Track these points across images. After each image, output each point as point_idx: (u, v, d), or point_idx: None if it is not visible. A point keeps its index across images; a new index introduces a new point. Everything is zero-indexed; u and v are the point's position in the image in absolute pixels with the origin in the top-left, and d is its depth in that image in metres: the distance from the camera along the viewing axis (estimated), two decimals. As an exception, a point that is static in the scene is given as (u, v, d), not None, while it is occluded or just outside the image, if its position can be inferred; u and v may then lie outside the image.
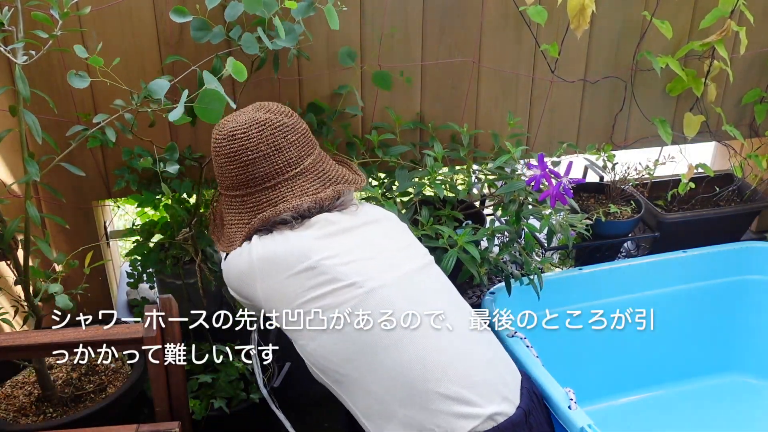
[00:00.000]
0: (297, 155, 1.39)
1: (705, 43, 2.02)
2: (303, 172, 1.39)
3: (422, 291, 1.34)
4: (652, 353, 2.06)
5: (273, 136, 1.37)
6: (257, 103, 1.43)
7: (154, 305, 1.36)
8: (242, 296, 1.39)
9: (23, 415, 1.57)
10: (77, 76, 1.40)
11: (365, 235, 1.38)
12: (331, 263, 1.30)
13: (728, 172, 2.37)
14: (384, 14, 1.81)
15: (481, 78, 1.97)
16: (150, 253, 1.79)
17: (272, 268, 1.32)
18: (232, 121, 1.39)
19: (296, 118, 1.42)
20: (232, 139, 1.37)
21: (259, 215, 1.37)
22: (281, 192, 1.38)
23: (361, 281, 1.28)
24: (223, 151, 1.38)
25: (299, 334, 1.31)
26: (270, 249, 1.34)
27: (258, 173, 1.37)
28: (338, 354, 1.27)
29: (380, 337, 1.25)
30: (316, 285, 1.29)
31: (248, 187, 1.38)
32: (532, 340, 1.67)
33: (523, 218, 1.75)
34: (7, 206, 1.57)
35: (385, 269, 1.32)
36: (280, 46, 1.54)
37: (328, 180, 1.41)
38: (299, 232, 1.35)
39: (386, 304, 1.28)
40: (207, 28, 1.57)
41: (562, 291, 1.92)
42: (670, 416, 2.01)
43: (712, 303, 2.09)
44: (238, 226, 1.41)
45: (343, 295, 1.28)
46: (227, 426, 1.70)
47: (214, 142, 1.40)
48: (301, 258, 1.30)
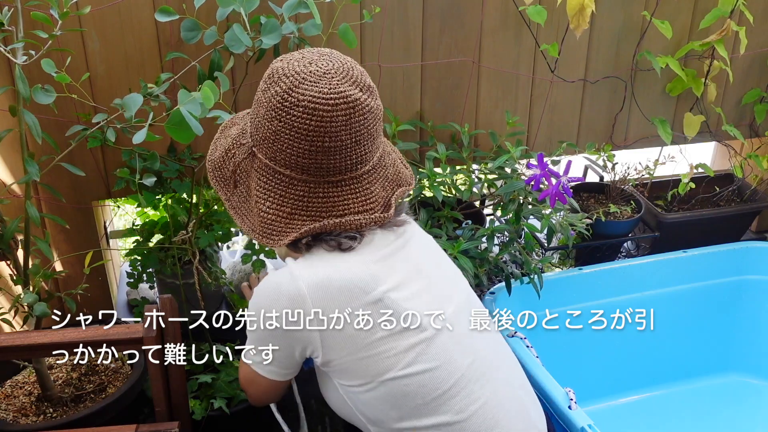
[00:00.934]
0: (371, 149, 1.15)
1: (705, 43, 2.02)
2: (369, 171, 1.16)
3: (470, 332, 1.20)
4: (652, 353, 2.06)
5: (358, 125, 1.10)
6: (336, 58, 1.13)
7: (154, 305, 1.35)
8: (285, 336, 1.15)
9: (23, 415, 1.57)
10: (43, 90, 1.34)
11: (410, 256, 1.20)
12: (395, 297, 1.12)
13: (728, 172, 2.37)
14: (384, 14, 1.80)
15: (481, 78, 1.97)
16: (150, 253, 1.79)
17: (331, 298, 1.10)
18: (312, 84, 1.09)
19: (376, 93, 1.15)
20: (312, 113, 1.07)
21: (321, 221, 1.13)
22: (344, 194, 1.14)
23: (424, 324, 1.13)
24: (291, 120, 1.09)
25: (355, 379, 1.14)
26: (323, 274, 1.11)
27: (326, 164, 1.11)
28: (396, 408, 1.13)
29: (445, 389, 1.13)
30: (382, 323, 1.10)
31: (305, 172, 1.12)
32: (532, 340, 1.68)
33: (522, 218, 1.75)
34: (7, 206, 1.57)
35: (440, 304, 1.17)
36: (267, 45, 1.51)
37: (386, 182, 1.20)
38: (353, 252, 1.14)
39: (446, 352, 1.14)
40: (197, 28, 1.57)
41: (562, 291, 1.92)
42: (670, 416, 2.01)
43: (712, 303, 2.09)
44: (278, 214, 1.14)
45: (407, 339, 1.11)
46: (227, 426, 1.70)
47: (278, 99, 1.09)
48: (366, 288, 1.11)
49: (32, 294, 1.45)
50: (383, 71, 1.88)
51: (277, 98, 1.09)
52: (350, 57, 1.16)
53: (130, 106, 1.30)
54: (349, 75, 1.11)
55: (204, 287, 1.84)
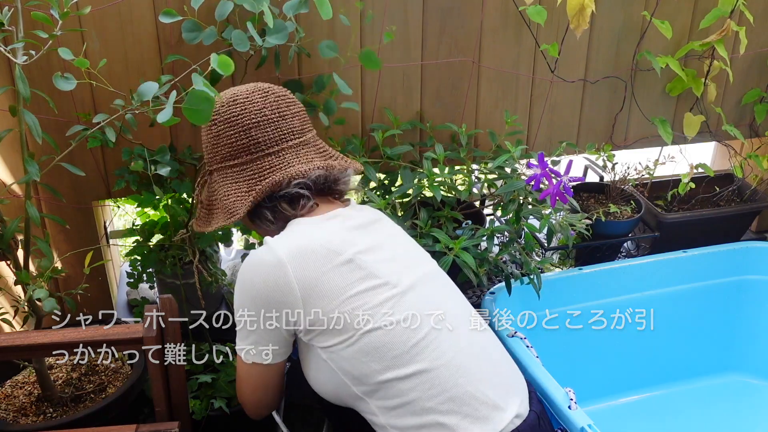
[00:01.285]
0: (300, 125, 1.35)
1: (705, 43, 2.02)
2: (306, 143, 1.35)
3: (437, 293, 1.32)
4: (652, 353, 2.06)
5: (276, 103, 1.33)
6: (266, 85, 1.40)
7: (154, 305, 1.36)
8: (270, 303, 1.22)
9: (23, 415, 1.57)
10: (63, 78, 1.38)
11: (378, 233, 1.33)
12: (366, 258, 1.24)
13: (728, 172, 2.37)
14: (384, 14, 1.80)
15: (481, 78, 1.97)
16: (150, 253, 1.79)
17: (307, 260, 1.21)
18: (233, 89, 1.36)
19: (294, 96, 1.40)
20: (234, 103, 1.32)
21: (267, 179, 1.29)
22: (286, 158, 1.32)
23: (394, 281, 1.25)
24: (223, 117, 1.32)
25: (340, 336, 1.21)
26: (297, 243, 1.23)
27: (261, 137, 1.31)
28: (376, 359, 1.21)
29: (419, 337, 1.22)
30: (357, 279, 1.22)
31: (249, 153, 1.31)
32: (532, 340, 1.68)
33: (522, 218, 1.75)
34: (7, 206, 1.57)
35: (405, 271, 1.29)
36: (271, 44, 1.53)
37: (329, 156, 1.37)
38: (321, 224, 1.28)
39: (419, 304, 1.25)
40: (198, 29, 1.57)
41: (562, 291, 1.92)
42: (670, 416, 2.01)
43: (712, 303, 2.09)
44: (237, 194, 1.32)
45: (380, 294, 1.23)
46: (227, 426, 1.70)
47: (213, 113, 1.32)
48: (339, 249, 1.23)
49: (43, 289, 1.45)
50: (383, 71, 1.88)
51: (213, 114, 1.31)
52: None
53: (146, 92, 1.34)
54: (264, 84, 1.36)
55: (204, 287, 1.84)
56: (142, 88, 1.35)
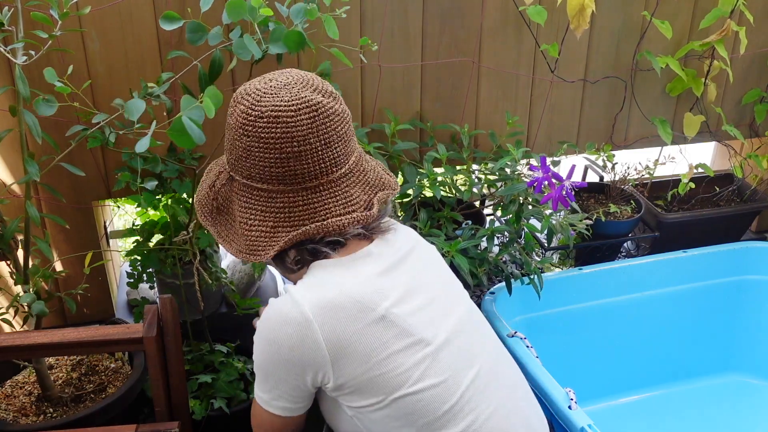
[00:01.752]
0: (343, 151, 1.16)
1: (705, 43, 2.02)
2: (347, 174, 1.17)
3: (473, 344, 1.20)
4: (652, 353, 2.06)
5: (324, 126, 1.12)
6: (295, 73, 1.17)
7: (154, 305, 1.36)
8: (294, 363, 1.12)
9: (23, 415, 1.57)
10: (44, 101, 1.33)
11: (411, 270, 1.20)
12: (398, 312, 1.12)
13: (728, 172, 2.37)
14: (384, 14, 1.81)
15: (481, 78, 1.97)
16: (150, 253, 1.79)
17: (337, 317, 1.09)
18: (273, 96, 1.12)
19: (341, 101, 1.17)
20: (275, 121, 1.10)
21: (302, 227, 1.13)
22: (323, 198, 1.14)
23: (429, 337, 1.13)
24: (257, 133, 1.11)
25: (365, 399, 1.13)
26: (324, 296, 1.11)
27: (300, 170, 1.11)
28: (411, 422, 1.12)
29: (451, 405, 1.13)
30: (390, 338, 1.10)
31: (281, 182, 1.13)
32: (532, 340, 1.68)
33: (523, 218, 1.75)
34: (7, 206, 1.57)
35: (441, 320, 1.17)
36: (274, 52, 1.51)
37: (368, 186, 1.20)
38: (349, 269, 1.14)
39: (451, 365, 1.14)
40: (202, 30, 1.56)
41: (562, 291, 1.92)
42: (670, 416, 2.01)
43: (712, 303, 2.09)
44: (261, 229, 1.15)
45: (415, 354, 1.11)
46: (227, 426, 1.70)
47: (243, 116, 1.12)
48: (371, 304, 1.10)
49: (30, 294, 1.45)
50: (383, 71, 1.88)
51: (242, 116, 1.12)
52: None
53: (133, 111, 1.29)
54: (309, 83, 1.14)
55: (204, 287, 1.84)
56: (129, 106, 1.30)
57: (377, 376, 1.10)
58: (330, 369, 1.11)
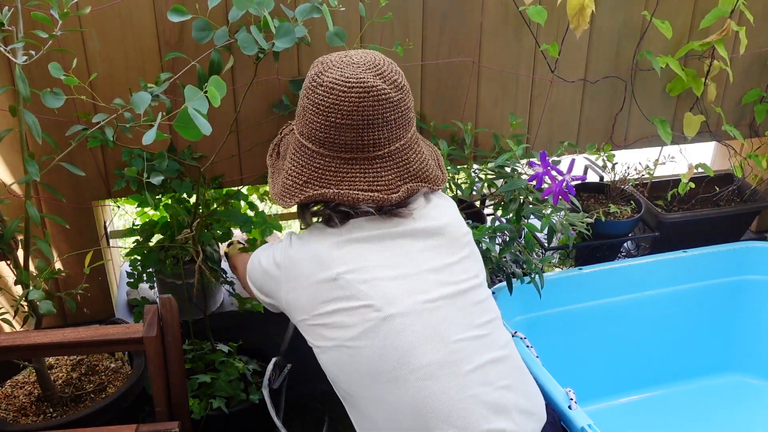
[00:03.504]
0: (387, 136, 1.27)
1: (705, 43, 2.02)
2: (384, 157, 1.27)
3: (443, 323, 1.24)
4: (652, 353, 2.06)
5: (372, 109, 1.24)
6: (372, 56, 1.28)
7: (154, 305, 1.36)
8: (263, 293, 1.39)
9: (23, 415, 1.57)
10: (52, 93, 1.36)
11: (400, 248, 1.28)
12: (352, 278, 1.24)
13: (728, 172, 2.37)
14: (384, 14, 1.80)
15: (481, 78, 1.97)
16: (150, 253, 1.79)
17: (296, 271, 1.29)
18: (338, 70, 1.25)
19: (405, 92, 1.28)
20: (329, 91, 1.24)
21: (322, 189, 1.27)
22: (353, 171, 1.27)
23: (379, 305, 1.22)
24: (315, 98, 1.26)
25: (313, 342, 1.29)
26: (295, 250, 1.30)
27: (339, 140, 1.25)
28: (344, 373, 1.25)
29: (384, 370, 1.21)
30: (333, 298, 1.24)
31: (322, 146, 1.27)
32: (532, 340, 1.68)
33: (523, 217, 1.75)
34: (7, 206, 1.57)
35: (409, 293, 1.24)
36: (280, 48, 1.52)
37: (406, 174, 1.29)
38: (332, 233, 1.28)
39: (398, 335, 1.21)
40: (210, 28, 1.56)
41: (562, 291, 1.92)
42: (670, 416, 2.01)
43: (712, 303, 2.09)
44: (296, 181, 1.30)
45: (356, 316, 1.22)
46: (226, 426, 1.70)
47: (309, 80, 1.28)
48: (323, 266, 1.25)
49: (39, 291, 1.45)
50: (383, 71, 1.88)
51: (310, 79, 1.28)
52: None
53: (139, 104, 1.32)
54: (377, 68, 1.26)
55: (205, 287, 1.84)
56: (135, 99, 1.32)
57: (318, 326, 1.25)
58: (283, 300, 1.32)
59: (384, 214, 1.28)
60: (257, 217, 1.77)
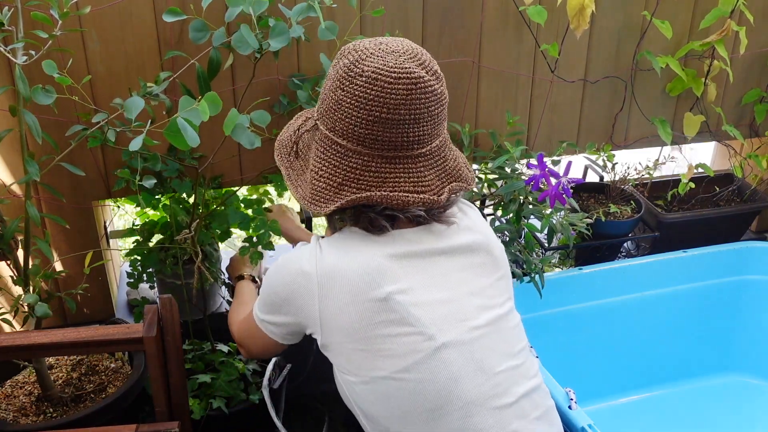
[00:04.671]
0: (430, 132, 1.15)
1: (705, 43, 2.02)
2: (426, 155, 1.16)
3: (487, 353, 1.17)
4: (652, 353, 2.06)
5: (418, 102, 1.11)
6: (407, 44, 1.15)
7: (154, 305, 1.36)
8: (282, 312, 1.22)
9: (23, 415, 1.57)
10: (44, 91, 1.35)
11: (443, 267, 1.19)
12: (403, 299, 1.12)
13: (728, 172, 2.37)
14: (384, 15, 1.80)
15: (481, 78, 1.97)
16: (150, 253, 1.79)
17: (337, 285, 1.14)
18: (379, 59, 1.11)
19: (444, 82, 1.17)
20: (374, 82, 1.10)
21: (364, 192, 1.13)
22: (396, 171, 1.14)
23: (431, 332, 1.12)
24: (353, 89, 1.12)
25: (349, 369, 1.16)
26: (333, 261, 1.15)
27: (382, 137, 1.12)
28: (387, 408, 1.15)
29: (431, 407, 1.13)
30: (380, 322, 1.12)
31: (361, 143, 1.13)
32: (532, 340, 1.67)
33: (523, 218, 1.75)
34: (7, 206, 1.57)
35: (457, 320, 1.15)
36: (275, 48, 1.51)
37: (444, 174, 1.19)
38: (376, 242, 1.16)
39: (447, 367, 1.13)
40: (206, 29, 1.56)
41: (562, 291, 1.92)
42: (670, 416, 2.01)
43: (712, 303, 2.09)
44: (329, 183, 1.15)
45: (406, 345, 1.12)
46: (226, 426, 1.70)
47: (344, 69, 1.13)
48: (372, 283, 1.12)
49: (33, 295, 1.45)
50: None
51: (344, 69, 1.13)
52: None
53: (131, 109, 1.30)
54: (417, 57, 1.13)
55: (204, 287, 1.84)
56: (128, 104, 1.31)
57: (361, 351, 1.13)
58: (319, 331, 1.17)
59: (433, 218, 1.18)
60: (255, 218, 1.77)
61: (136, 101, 1.31)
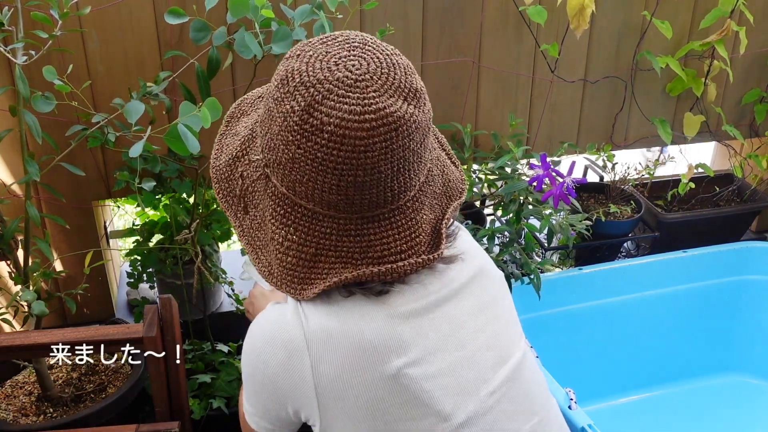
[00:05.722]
0: (416, 171, 0.91)
1: (705, 43, 2.02)
2: (414, 197, 0.93)
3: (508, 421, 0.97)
4: (652, 353, 2.06)
5: (402, 150, 0.86)
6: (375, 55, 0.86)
7: (154, 305, 1.36)
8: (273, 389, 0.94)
9: (23, 415, 1.57)
10: (43, 98, 1.34)
11: (454, 319, 0.96)
12: (415, 373, 0.90)
13: (728, 172, 2.37)
14: (384, 14, 1.80)
15: (481, 78, 1.97)
16: (150, 253, 1.79)
17: (337, 358, 0.89)
18: (341, 99, 0.83)
19: (425, 94, 0.89)
20: (339, 141, 0.83)
21: (352, 271, 0.90)
22: (382, 230, 0.91)
23: (448, 410, 0.91)
24: (312, 149, 0.84)
25: None
26: (335, 326, 0.90)
27: (358, 199, 0.88)
28: None
29: None
30: (396, 404, 0.90)
31: (332, 208, 0.89)
32: (532, 340, 1.67)
33: (523, 218, 1.75)
34: (7, 206, 1.57)
35: (474, 386, 0.95)
36: (277, 52, 1.51)
37: (437, 197, 0.97)
38: (375, 301, 0.92)
39: None
40: (207, 29, 1.56)
41: (562, 291, 1.92)
42: (670, 416, 2.01)
43: (712, 303, 2.09)
44: (300, 257, 0.91)
45: (422, 429, 0.91)
46: (226, 426, 1.70)
47: (295, 119, 0.84)
48: (376, 357, 0.89)
49: (31, 292, 1.44)
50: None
51: (295, 118, 0.84)
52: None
53: (132, 113, 1.27)
54: (390, 78, 0.85)
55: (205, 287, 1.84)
56: (128, 108, 1.29)
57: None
58: (316, 412, 0.92)
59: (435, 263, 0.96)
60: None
61: (136, 105, 1.30)
